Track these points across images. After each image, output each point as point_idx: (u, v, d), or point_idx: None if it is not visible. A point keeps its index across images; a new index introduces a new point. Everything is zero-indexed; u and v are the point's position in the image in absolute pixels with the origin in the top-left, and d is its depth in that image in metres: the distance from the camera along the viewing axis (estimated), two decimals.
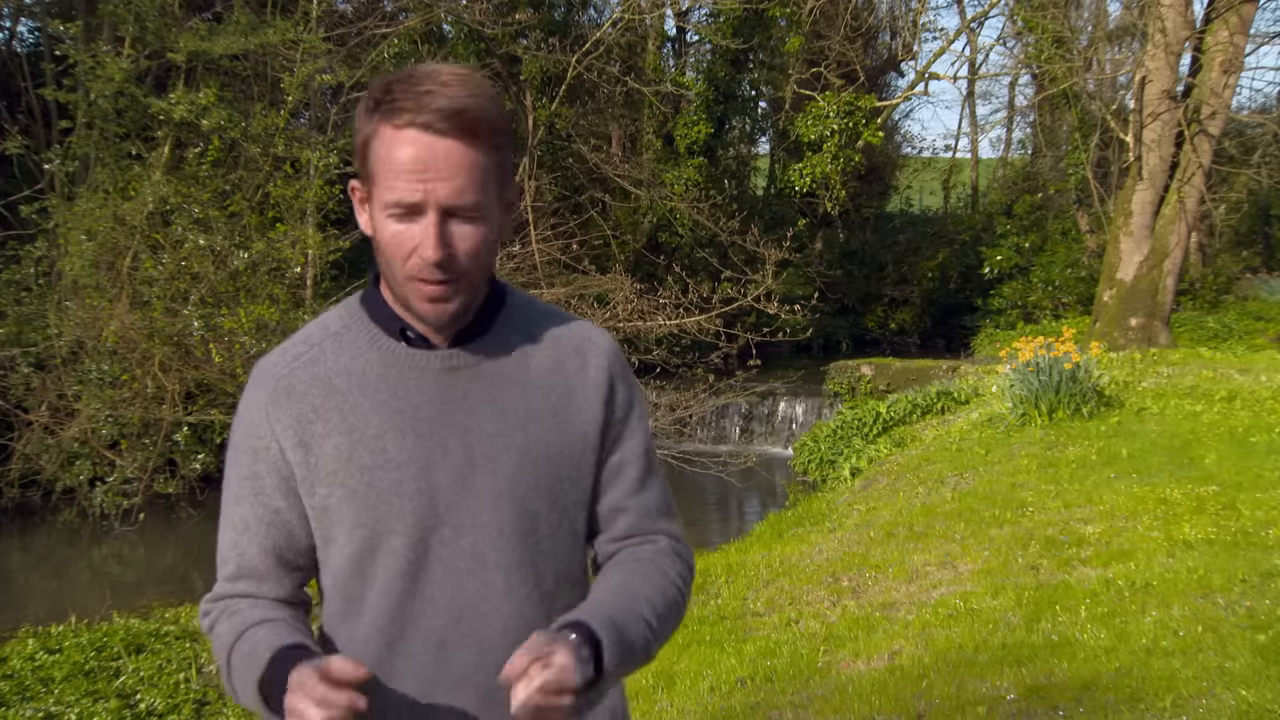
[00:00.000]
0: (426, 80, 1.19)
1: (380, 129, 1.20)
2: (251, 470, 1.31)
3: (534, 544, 1.29)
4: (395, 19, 14.08)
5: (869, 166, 21.96)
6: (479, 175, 1.20)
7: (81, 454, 9.93)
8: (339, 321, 1.35)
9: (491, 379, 1.31)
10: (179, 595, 7.37)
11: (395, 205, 1.19)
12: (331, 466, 1.27)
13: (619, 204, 17.65)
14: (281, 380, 1.31)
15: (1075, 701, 3.55)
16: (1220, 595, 4.49)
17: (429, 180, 1.18)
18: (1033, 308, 20.12)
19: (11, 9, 13.39)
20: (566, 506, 1.32)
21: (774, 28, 18.46)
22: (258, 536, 1.32)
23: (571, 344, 1.36)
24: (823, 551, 6.45)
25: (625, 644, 1.22)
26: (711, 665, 4.40)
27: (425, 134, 1.17)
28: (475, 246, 1.22)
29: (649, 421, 1.44)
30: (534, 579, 1.29)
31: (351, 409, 1.28)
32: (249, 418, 1.32)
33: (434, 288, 1.22)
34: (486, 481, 1.27)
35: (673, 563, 1.38)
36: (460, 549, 1.26)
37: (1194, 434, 8.06)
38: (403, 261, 1.22)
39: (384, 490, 1.26)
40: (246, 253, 10.52)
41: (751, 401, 13.86)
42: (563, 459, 1.31)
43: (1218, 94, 13.43)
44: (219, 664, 1.31)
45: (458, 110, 1.17)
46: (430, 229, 1.19)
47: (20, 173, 11.29)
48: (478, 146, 1.20)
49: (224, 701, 4.54)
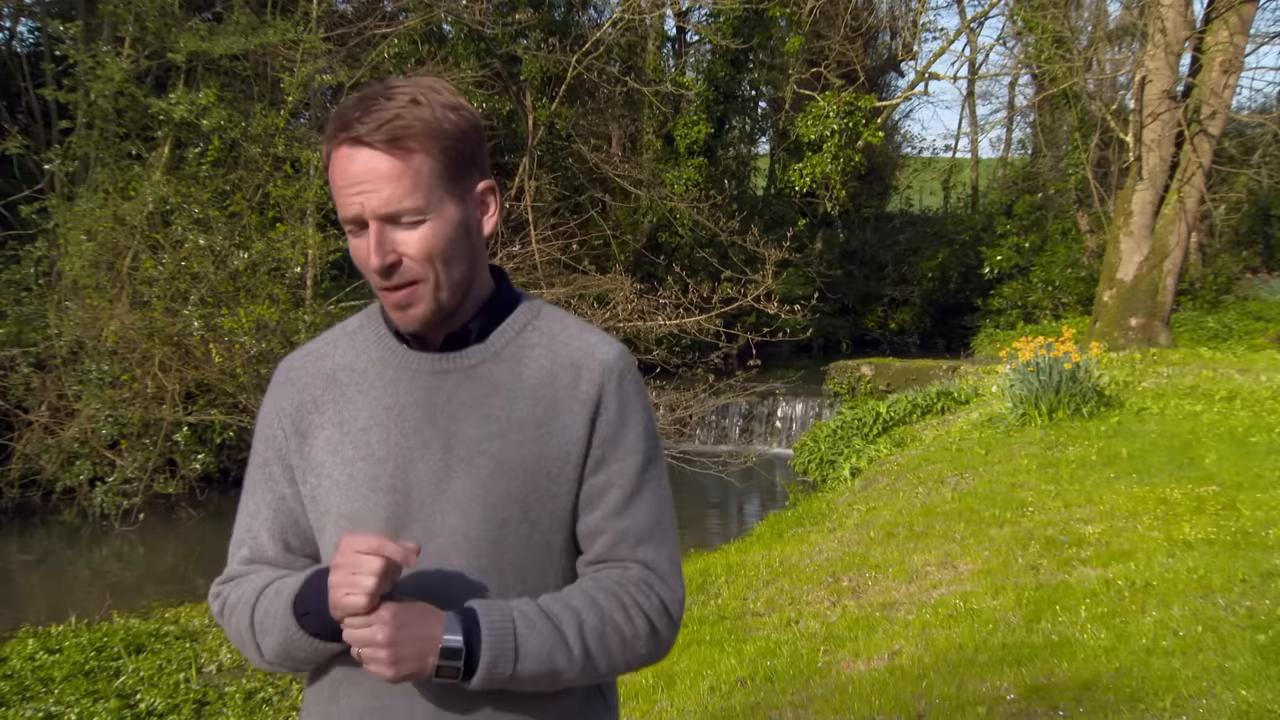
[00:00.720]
0: (373, 96, 1.23)
1: (330, 152, 1.25)
2: (264, 458, 1.37)
3: (501, 553, 1.28)
4: (395, 19, 14.08)
5: (869, 166, 21.97)
6: (414, 180, 1.22)
7: (81, 454, 9.93)
8: (357, 322, 1.41)
9: (480, 384, 1.31)
10: (179, 595, 7.37)
11: (346, 221, 1.25)
12: (321, 457, 1.31)
13: (619, 204, 17.66)
14: (291, 371, 1.38)
15: (1075, 701, 3.55)
16: (1220, 595, 4.49)
17: (362, 192, 1.22)
18: (1033, 308, 20.13)
19: (11, 9, 13.39)
20: (539, 519, 1.30)
21: (774, 28, 18.46)
22: (267, 521, 1.36)
23: (570, 357, 1.33)
24: (823, 551, 6.45)
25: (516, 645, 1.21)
26: (711, 665, 4.40)
27: (355, 148, 1.22)
28: (424, 249, 1.23)
29: (655, 442, 1.37)
30: (498, 587, 1.27)
31: (347, 403, 1.32)
32: (265, 408, 1.39)
33: (394, 294, 1.26)
34: (460, 485, 1.27)
35: (638, 592, 1.30)
36: (428, 551, 1.26)
37: (1194, 434, 8.06)
38: (366, 274, 1.27)
39: (362, 483, 1.28)
40: (246, 253, 10.52)
41: (751, 401, 13.86)
42: (540, 471, 1.29)
43: (1218, 94, 13.43)
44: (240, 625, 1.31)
45: (385, 121, 1.20)
46: (370, 239, 1.23)
47: (20, 173, 11.30)
48: (406, 152, 1.21)
49: (224, 701, 4.54)
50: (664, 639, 1.33)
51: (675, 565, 1.36)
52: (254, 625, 1.29)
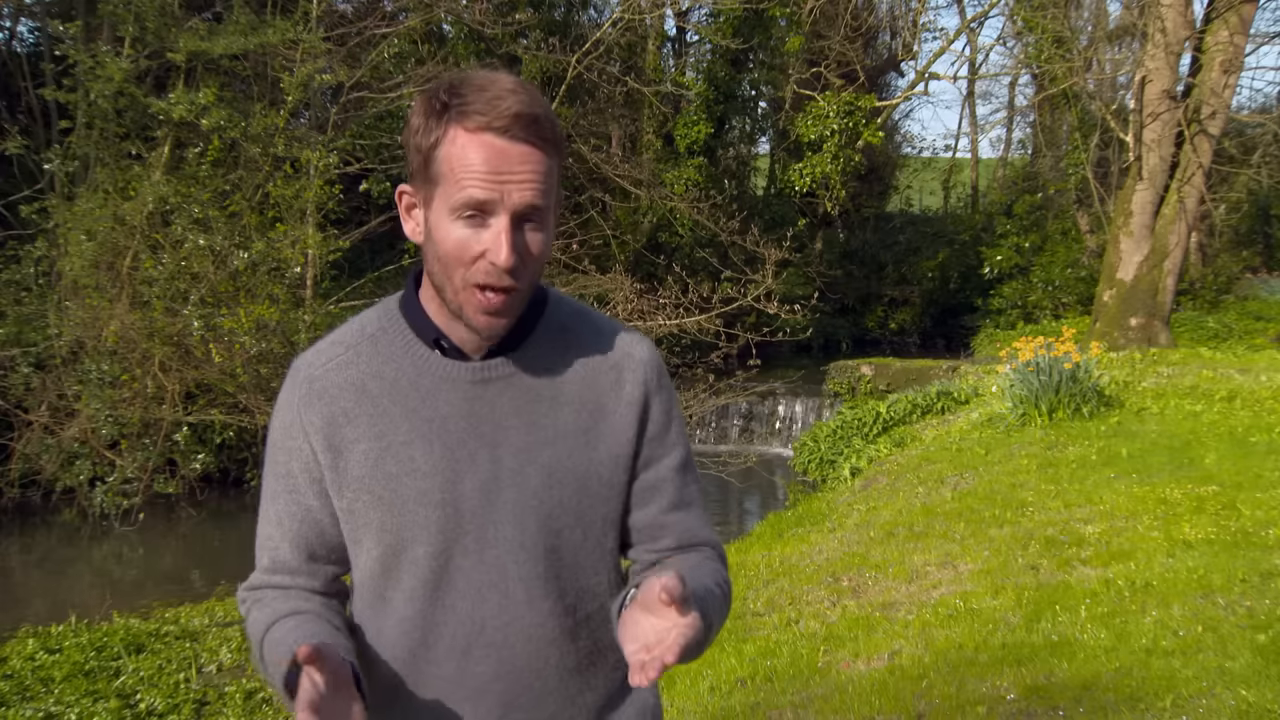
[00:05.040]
0: (492, 86, 1.19)
1: (451, 131, 1.19)
2: (286, 468, 1.33)
3: (557, 559, 1.29)
4: (395, 19, 14.07)
5: (869, 166, 21.97)
6: (550, 183, 1.21)
7: (81, 454, 9.93)
8: (376, 324, 1.34)
9: (522, 393, 1.30)
10: (179, 595, 7.37)
11: (466, 205, 1.18)
12: (359, 472, 1.28)
13: (619, 204, 17.64)
14: (316, 381, 1.31)
15: (1075, 701, 3.55)
16: (1220, 595, 4.49)
17: (505, 182, 1.17)
18: (1033, 308, 20.13)
19: (11, 9, 13.39)
20: (592, 523, 1.31)
21: (774, 28, 18.45)
22: (290, 533, 1.34)
23: (608, 360, 1.34)
24: (823, 551, 6.45)
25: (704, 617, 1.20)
26: (711, 665, 4.40)
27: (500, 138, 1.17)
28: (540, 253, 1.23)
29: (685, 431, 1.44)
30: (556, 592, 1.29)
31: (381, 415, 1.28)
32: (284, 416, 1.33)
33: (495, 297, 1.21)
34: (511, 496, 1.27)
35: (717, 568, 1.37)
36: (483, 561, 1.27)
37: (1194, 434, 8.06)
38: (466, 267, 1.20)
39: (409, 499, 1.26)
40: (246, 253, 10.51)
41: (751, 401, 13.86)
42: (591, 477, 1.30)
43: (1218, 94, 13.43)
44: (254, 651, 1.33)
45: (531, 117, 1.18)
46: (502, 234, 1.18)
47: (20, 173, 11.29)
48: (547, 154, 1.20)
49: (224, 701, 4.54)
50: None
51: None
52: (263, 658, 1.29)
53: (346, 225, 12.26)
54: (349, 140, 12.20)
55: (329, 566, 1.35)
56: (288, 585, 1.35)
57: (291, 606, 1.31)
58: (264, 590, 1.36)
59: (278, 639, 1.26)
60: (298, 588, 1.35)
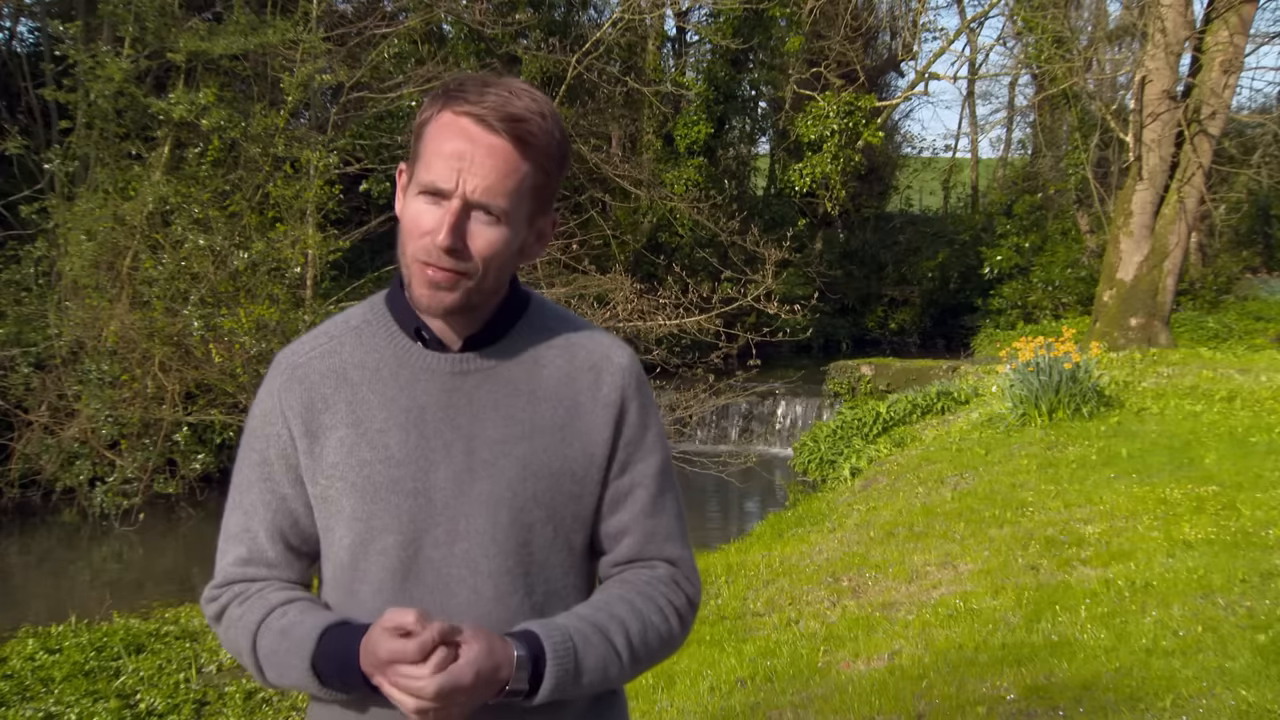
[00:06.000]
0: (499, 85, 1.22)
1: (439, 113, 1.23)
2: (263, 455, 1.33)
3: (528, 555, 1.28)
4: (395, 19, 14.08)
5: (869, 166, 21.97)
6: (515, 183, 1.22)
7: (81, 454, 9.93)
8: (360, 316, 1.37)
9: (500, 386, 1.30)
10: (179, 595, 7.37)
11: (427, 186, 1.21)
12: (334, 458, 1.28)
13: (619, 204, 17.64)
14: (297, 369, 1.33)
15: (1075, 701, 3.55)
16: (1220, 595, 4.49)
17: (464, 170, 1.20)
18: (1033, 308, 20.13)
19: (11, 9, 13.39)
20: (563, 520, 1.31)
21: (774, 28, 18.45)
22: (265, 522, 1.33)
23: (588, 360, 1.35)
24: (823, 551, 6.45)
25: (576, 664, 1.21)
26: (711, 665, 4.40)
27: (476, 125, 1.20)
28: (489, 248, 1.23)
29: (666, 440, 1.41)
30: (525, 589, 1.28)
31: (360, 403, 1.29)
32: (264, 404, 1.34)
33: (436, 273, 1.22)
34: (484, 488, 1.27)
35: (668, 591, 1.34)
36: (452, 554, 1.26)
37: (1194, 434, 8.06)
38: (414, 240, 1.23)
39: (381, 486, 1.26)
40: (246, 253, 10.51)
41: (751, 401, 13.85)
42: (564, 473, 1.30)
43: (1218, 94, 13.43)
44: (238, 646, 1.30)
45: (516, 116, 1.20)
46: (448, 215, 1.20)
47: (20, 173, 11.29)
48: (524, 156, 1.22)
49: (224, 701, 4.54)
50: (688, 631, 1.38)
51: (693, 559, 1.41)
52: (256, 653, 1.27)
53: (346, 225, 12.26)
54: (349, 140, 12.21)
55: (303, 559, 1.34)
56: (266, 577, 1.33)
57: (286, 595, 1.29)
58: (243, 584, 1.33)
59: (282, 628, 1.24)
60: (277, 579, 1.33)
